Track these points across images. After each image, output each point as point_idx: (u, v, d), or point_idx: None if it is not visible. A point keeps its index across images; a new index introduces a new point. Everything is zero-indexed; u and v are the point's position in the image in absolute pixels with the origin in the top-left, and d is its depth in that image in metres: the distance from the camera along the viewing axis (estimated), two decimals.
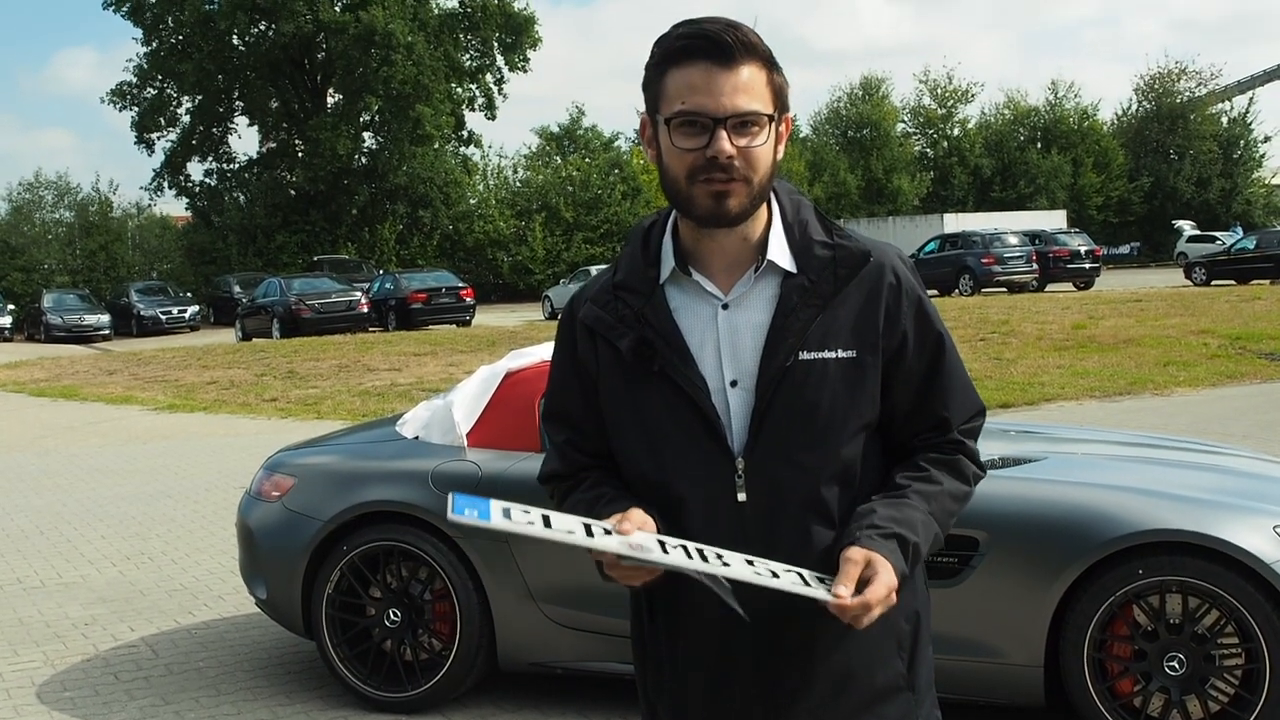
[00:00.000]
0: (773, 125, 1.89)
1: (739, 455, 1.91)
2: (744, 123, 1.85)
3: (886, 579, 1.80)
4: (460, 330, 29.75)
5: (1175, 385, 14.24)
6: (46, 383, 20.99)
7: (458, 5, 50.85)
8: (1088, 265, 36.45)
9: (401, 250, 48.30)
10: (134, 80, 49.69)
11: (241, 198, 50.21)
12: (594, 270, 36.62)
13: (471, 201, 51.33)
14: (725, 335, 1.93)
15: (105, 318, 37.72)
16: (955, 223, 46.02)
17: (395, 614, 5.15)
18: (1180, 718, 4.27)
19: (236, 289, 39.55)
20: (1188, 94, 60.68)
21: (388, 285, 34.86)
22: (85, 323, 37.28)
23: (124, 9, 47.70)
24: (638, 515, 1.85)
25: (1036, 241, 36.74)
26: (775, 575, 1.77)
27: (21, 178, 67.90)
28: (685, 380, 1.92)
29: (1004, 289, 33.83)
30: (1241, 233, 45.11)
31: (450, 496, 1.77)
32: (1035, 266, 34.79)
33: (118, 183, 79.22)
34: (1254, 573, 4.14)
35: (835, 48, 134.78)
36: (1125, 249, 56.40)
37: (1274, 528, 4.24)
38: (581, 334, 2.04)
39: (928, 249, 36.53)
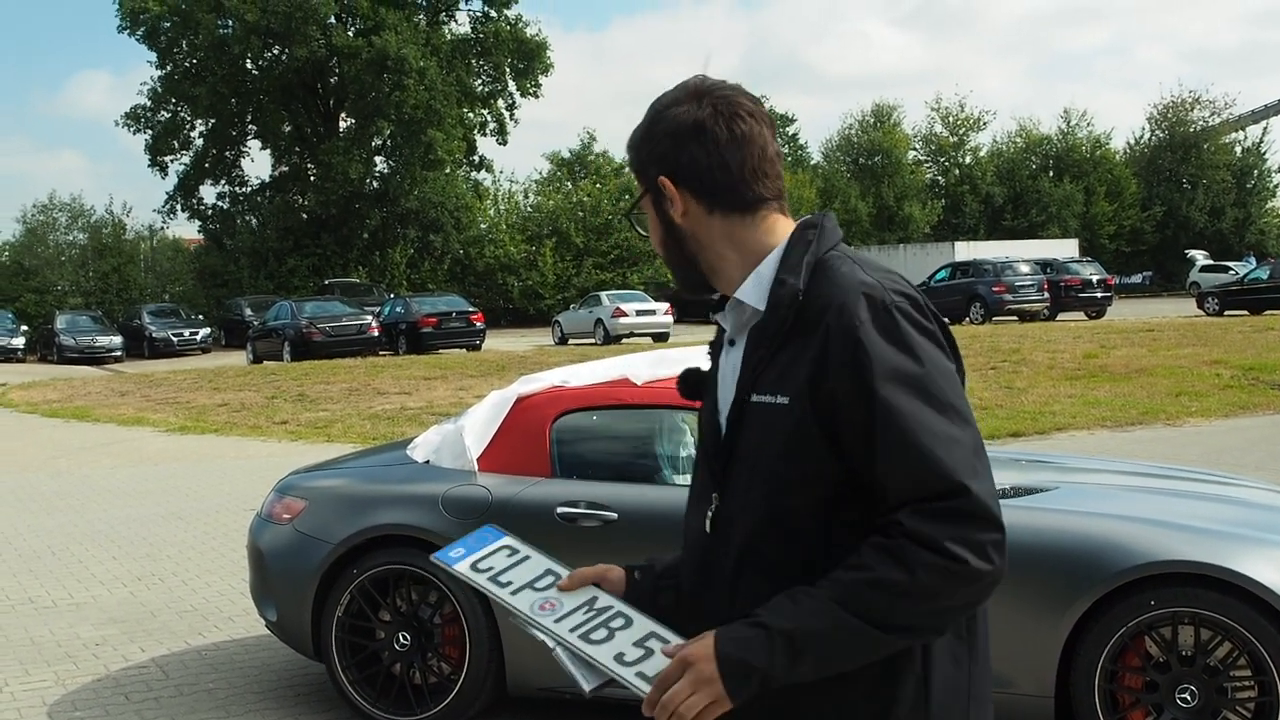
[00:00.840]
0: (650, 198, 1.97)
1: (716, 489, 1.92)
2: (634, 217, 2.04)
3: (688, 678, 1.72)
4: (470, 355, 29.79)
5: (1187, 416, 14.20)
6: (59, 404, 21.06)
7: (470, 31, 51.23)
8: (1099, 294, 36.44)
9: (412, 274, 48.44)
10: (148, 103, 50.03)
11: (253, 221, 50.44)
12: (604, 296, 36.69)
13: (482, 226, 51.50)
14: (724, 372, 1.96)
15: (117, 339, 37.85)
16: (967, 251, 46.02)
17: (405, 637, 5.16)
18: None
19: (248, 312, 39.68)
20: (1201, 123, 60.73)
21: (398, 309, 34.95)
22: (97, 344, 37.42)
23: (139, 33, 48.05)
24: (591, 571, 1.98)
25: (1048, 270, 36.74)
26: (619, 656, 1.82)
27: (36, 199, 68.22)
28: (704, 413, 2.02)
29: (1015, 317, 33.82)
30: (1255, 263, 45.05)
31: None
32: (1047, 295, 34.78)
33: (131, 205, 79.34)
34: (1267, 605, 4.13)
35: (844, 74, 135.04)
36: (1137, 278, 56.37)
37: None
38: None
39: (939, 277, 36.54)
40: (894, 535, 1.70)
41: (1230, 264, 49.00)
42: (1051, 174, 60.11)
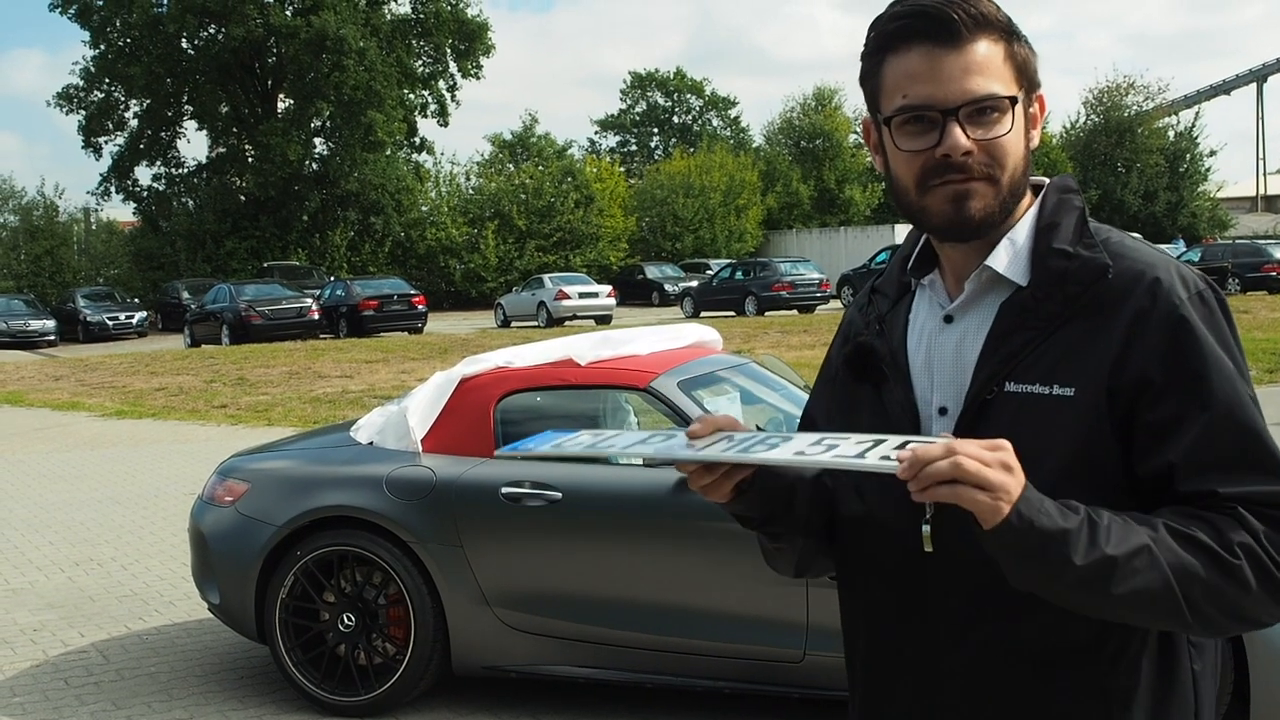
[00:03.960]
0: (1018, 108, 1.55)
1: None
2: (981, 109, 1.52)
3: (992, 450, 1.37)
4: (412, 337, 29.65)
5: None
6: None
7: (410, 11, 50.75)
8: None
9: (353, 257, 48.02)
10: (81, 83, 49.14)
11: (190, 203, 49.72)
12: (547, 278, 36.66)
13: (424, 209, 51.13)
14: (941, 353, 1.63)
15: (51, 323, 37.18)
16: (906, 233, 46.35)
17: (349, 618, 5.16)
18: None
19: (185, 295, 39.14)
20: (1135, 108, 61.58)
21: (339, 292, 34.68)
22: (30, 328, 36.71)
23: (71, 10, 47.16)
24: (721, 418, 1.61)
25: None
26: (855, 451, 1.43)
27: None
28: (892, 400, 1.65)
29: None
30: (1184, 246, 45.86)
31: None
32: None
33: (64, 187, 78.13)
34: None
35: (792, 57, 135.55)
36: None
37: None
38: (841, 335, 1.83)
39: (879, 259, 36.84)
40: (1220, 512, 1.45)
41: (1163, 246, 49.79)
42: None
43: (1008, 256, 1.59)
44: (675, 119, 77.90)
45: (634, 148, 77.87)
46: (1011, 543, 1.38)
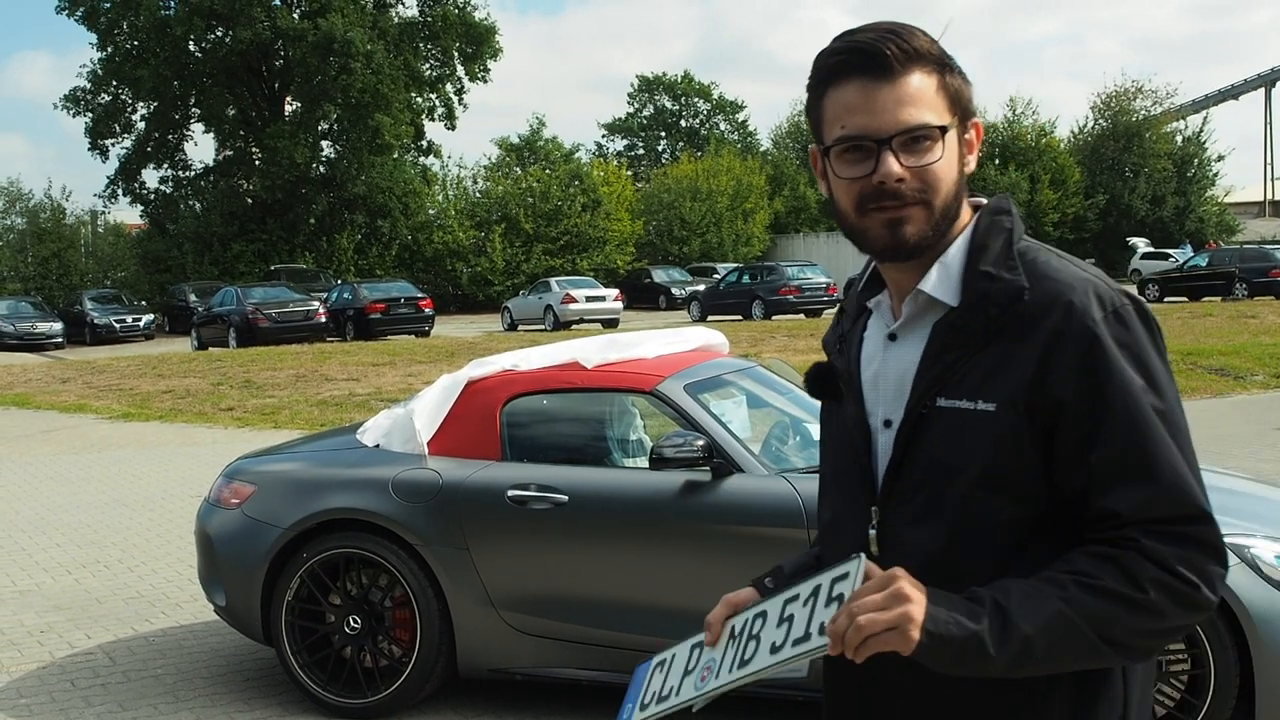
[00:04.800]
0: (950, 136, 1.65)
1: (876, 504, 1.71)
2: (913, 138, 1.62)
3: (888, 591, 1.47)
4: (419, 341, 29.64)
5: None
6: None
7: (418, 14, 50.81)
8: None
9: (360, 260, 48.07)
10: (88, 86, 49.24)
11: (197, 206, 49.78)
12: (554, 282, 36.68)
13: (430, 212, 51.16)
14: (886, 369, 1.74)
15: (58, 326, 37.26)
16: None
17: (355, 621, 5.17)
18: None
19: (192, 298, 39.22)
20: (1143, 112, 61.50)
21: (346, 295, 34.70)
22: (37, 330, 36.80)
23: (78, 13, 47.25)
24: (720, 609, 1.73)
25: None
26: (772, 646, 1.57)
27: None
28: (848, 414, 1.77)
29: None
30: (1193, 250, 45.78)
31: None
32: None
33: (71, 189, 78.17)
34: None
35: (801, 61, 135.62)
36: None
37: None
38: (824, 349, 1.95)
39: None
40: (1124, 549, 1.54)
41: (1170, 251, 49.76)
42: (997, 162, 60.64)
43: (939, 279, 1.68)
44: (683, 123, 77.96)
45: (641, 151, 77.93)
46: (932, 658, 1.49)
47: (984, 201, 1.75)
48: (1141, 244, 54.54)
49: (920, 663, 1.50)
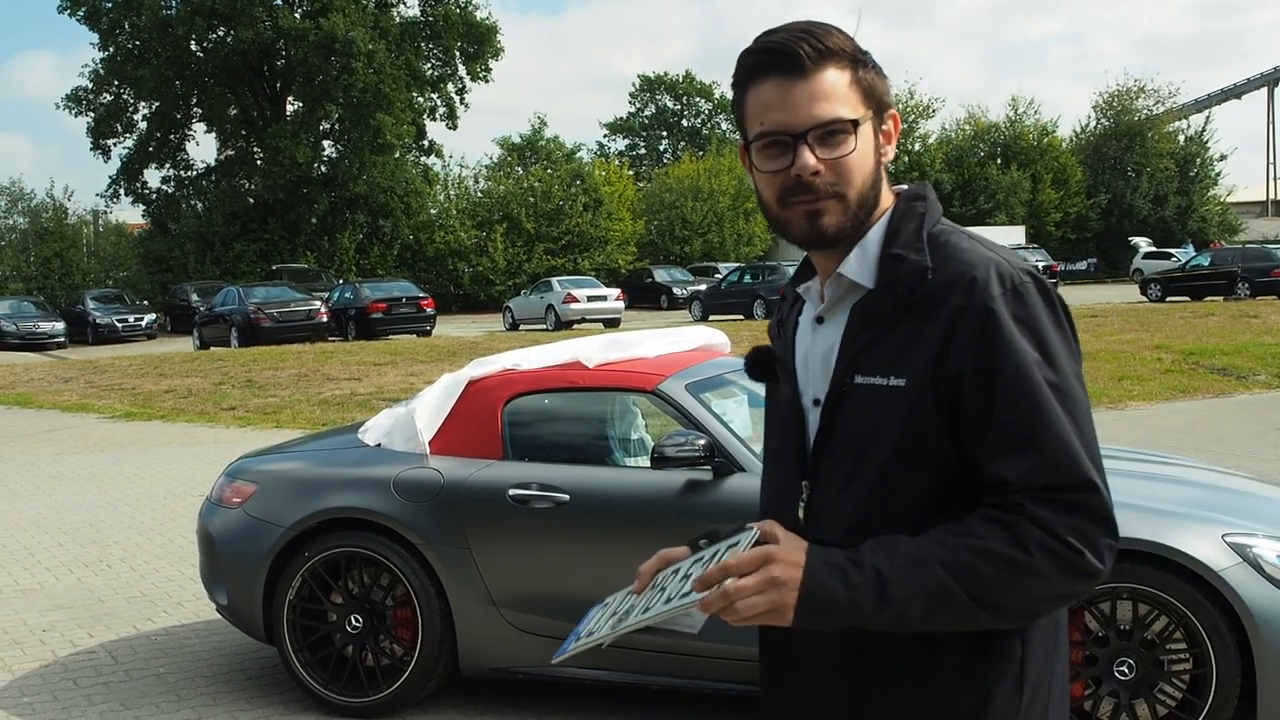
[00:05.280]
0: (864, 129, 1.73)
1: (805, 478, 1.80)
2: (828, 132, 1.69)
3: (760, 574, 1.57)
4: (420, 340, 29.64)
5: (1130, 399, 14.43)
6: (0, 390, 20.76)
7: (419, 14, 50.84)
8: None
9: (361, 260, 48.10)
10: (90, 85, 49.27)
11: (199, 205, 49.83)
12: (555, 281, 36.68)
13: (432, 211, 51.17)
14: (813, 351, 1.83)
15: (60, 325, 37.30)
16: None
17: (357, 620, 5.17)
18: None
19: (194, 297, 39.23)
20: (1146, 112, 61.48)
21: (347, 295, 34.70)
22: (40, 330, 36.84)
23: (79, 13, 47.28)
24: (652, 561, 1.79)
25: None
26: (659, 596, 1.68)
27: None
28: (783, 394, 1.87)
29: None
30: (1195, 250, 45.75)
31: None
32: None
33: (73, 189, 78.22)
34: (1203, 580, 4.24)
35: None
36: (1082, 265, 57.03)
37: (1223, 536, 4.34)
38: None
39: None
40: (1012, 512, 1.61)
41: (1172, 251, 49.74)
42: (999, 161, 60.60)
43: (857, 263, 1.77)
44: (684, 122, 77.96)
45: (643, 151, 77.93)
46: (810, 625, 1.61)
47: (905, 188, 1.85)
48: (1144, 243, 54.52)
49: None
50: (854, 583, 1.58)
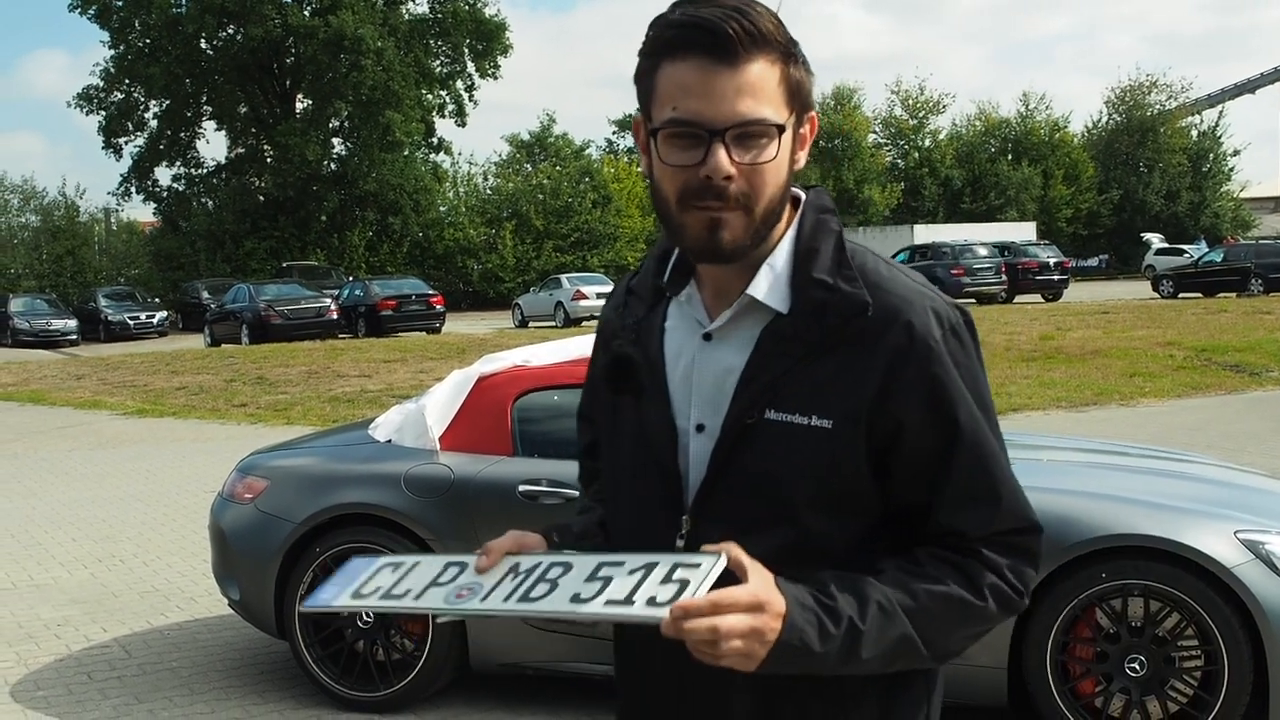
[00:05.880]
0: (786, 135, 1.53)
1: (687, 512, 1.60)
2: (748, 133, 1.50)
3: (749, 620, 1.38)
4: (430, 337, 29.70)
5: (1141, 396, 14.40)
6: (14, 387, 20.83)
7: (428, 11, 50.85)
8: (1056, 277, 36.79)
9: (371, 257, 48.17)
10: (101, 84, 49.41)
11: (209, 203, 49.95)
12: (564, 279, 36.70)
13: (441, 209, 51.25)
14: (701, 371, 1.62)
15: (72, 322, 37.45)
16: (925, 234, 46.35)
17: (367, 614, 5.18)
18: (1141, 718, 4.35)
19: (205, 295, 39.35)
20: (1158, 107, 61.30)
21: (357, 292, 34.79)
22: (52, 327, 36.99)
23: (90, 11, 47.40)
24: (507, 540, 1.60)
25: (1006, 253, 37.07)
26: (625, 596, 1.42)
27: None
28: (651, 413, 1.64)
29: (973, 300, 34.09)
30: (1208, 246, 45.62)
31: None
32: (1004, 278, 35.10)
33: (85, 187, 78.46)
34: (1214, 577, 4.24)
35: (815, 58, 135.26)
36: (1094, 261, 56.93)
37: (1235, 533, 4.34)
38: (599, 333, 1.84)
39: (898, 259, 36.64)
40: (964, 555, 1.56)
41: (1185, 247, 49.61)
42: (1010, 157, 60.53)
43: (767, 283, 1.59)
44: None
45: None
46: (771, 669, 1.43)
47: (803, 193, 1.65)
48: (1156, 240, 54.37)
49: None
50: (829, 635, 1.45)
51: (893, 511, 1.59)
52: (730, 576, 1.40)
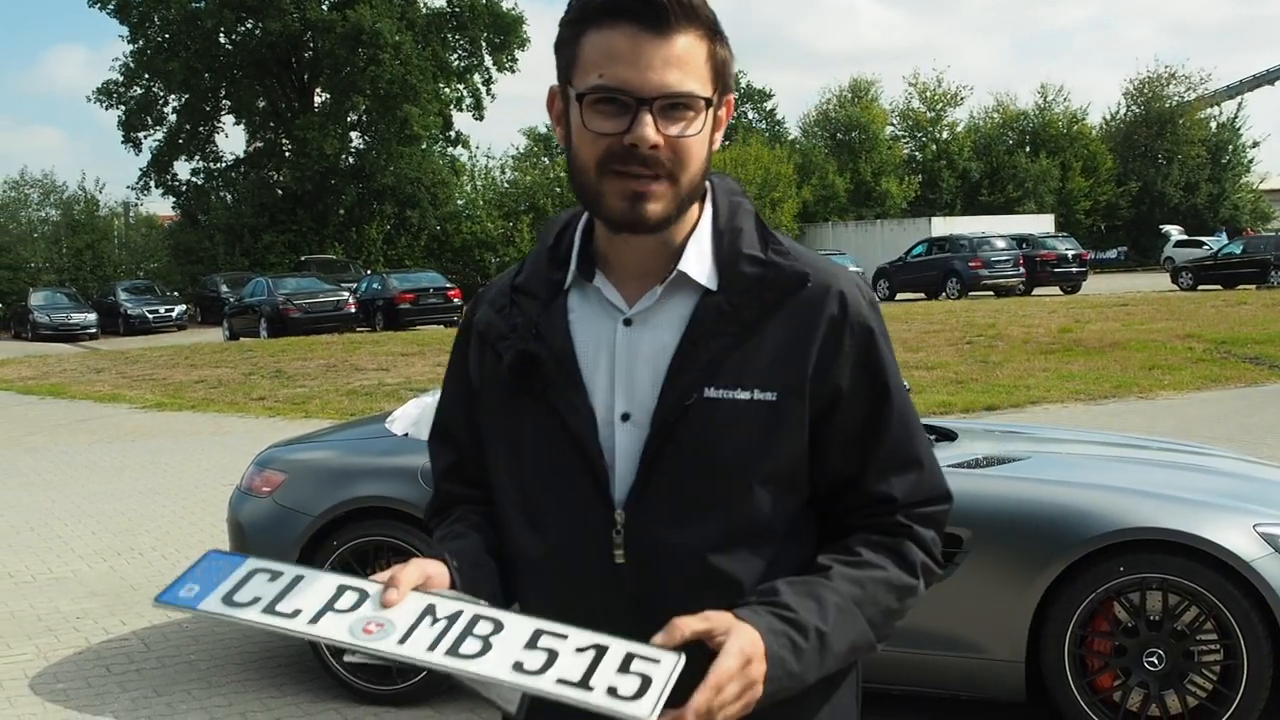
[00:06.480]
0: (710, 111, 1.53)
1: (619, 506, 1.54)
2: (674, 105, 1.48)
3: (741, 680, 1.36)
4: (448, 330, 29.74)
5: (1160, 389, 14.33)
6: (34, 380, 20.96)
7: (445, 4, 50.82)
8: (1075, 269, 36.58)
9: (389, 250, 48.23)
10: (121, 79, 49.56)
11: (228, 197, 50.06)
12: None
13: (459, 202, 51.27)
14: (623, 357, 1.57)
15: (92, 316, 37.66)
16: (943, 226, 46.16)
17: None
18: (1159, 712, 4.34)
19: (224, 288, 39.47)
20: (1177, 98, 60.93)
21: (375, 285, 34.84)
22: (72, 321, 37.22)
23: (109, 6, 47.51)
24: (413, 571, 1.44)
25: (1024, 245, 36.87)
26: (579, 679, 1.31)
27: (7, 175, 67.58)
28: (568, 407, 1.57)
29: (991, 292, 33.97)
30: (1227, 238, 45.36)
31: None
32: (1022, 270, 34.92)
33: (105, 181, 78.81)
34: (1233, 571, 4.21)
35: (831, 49, 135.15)
36: (1112, 253, 56.63)
37: (1254, 526, 4.31)
38: (475, 340, 1.71)
39: (915, 252, 36.67)
40: (894, 535, 1.58)
41: (1204, 239, 49.32)
42: (1028, 149, 60.24)
43: (696, 260, 1.57)
44: None
45: None
46: (766, 702, 1.41)
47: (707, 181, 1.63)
48: (1175, 232, 54.06)
49: None
50: (801, 649, 1.44)
51: (821, 486, 1.60)
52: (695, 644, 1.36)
